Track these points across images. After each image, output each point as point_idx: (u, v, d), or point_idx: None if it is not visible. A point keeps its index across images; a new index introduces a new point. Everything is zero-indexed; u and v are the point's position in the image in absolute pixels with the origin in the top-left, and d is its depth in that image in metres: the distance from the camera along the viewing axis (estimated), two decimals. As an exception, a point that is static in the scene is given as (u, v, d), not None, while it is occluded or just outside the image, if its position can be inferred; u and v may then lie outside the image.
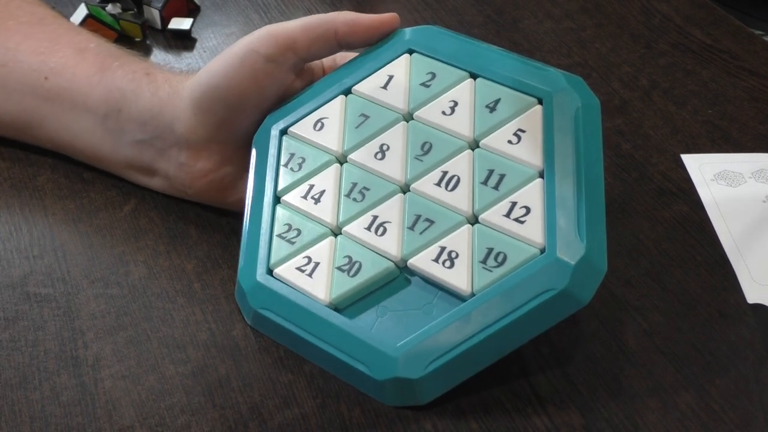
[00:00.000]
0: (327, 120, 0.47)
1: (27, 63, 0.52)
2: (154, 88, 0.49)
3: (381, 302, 0.42)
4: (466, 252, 0.41)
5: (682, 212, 0.52)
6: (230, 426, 0.42)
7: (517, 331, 0.40)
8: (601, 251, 0.40)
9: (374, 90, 0.47)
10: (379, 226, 0.43)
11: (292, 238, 0.44)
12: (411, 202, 0.43)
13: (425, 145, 0.44)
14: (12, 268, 0.49)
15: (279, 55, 0.46)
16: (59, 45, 0.53)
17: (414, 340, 0.40)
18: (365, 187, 0.44)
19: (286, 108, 0.48)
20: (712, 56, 0.63)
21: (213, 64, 0.47)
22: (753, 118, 0.59)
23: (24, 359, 0.45)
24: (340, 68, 0.49)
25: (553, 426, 0.42)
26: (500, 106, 0.44)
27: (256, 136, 0.48)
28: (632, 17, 0.67)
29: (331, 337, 0.42)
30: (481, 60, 0.45)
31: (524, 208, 0.41)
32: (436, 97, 0.46)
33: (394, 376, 0.40)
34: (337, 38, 0.47)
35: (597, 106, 0.43)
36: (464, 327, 0.40)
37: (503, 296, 0.39)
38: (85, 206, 0.53)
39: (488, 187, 0.42)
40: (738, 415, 0.42)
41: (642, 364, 0.45)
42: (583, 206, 0.40)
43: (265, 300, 0.44)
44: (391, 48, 0.48)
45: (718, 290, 0.48)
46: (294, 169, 0.46)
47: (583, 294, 0.39)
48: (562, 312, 0.40)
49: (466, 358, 0.40)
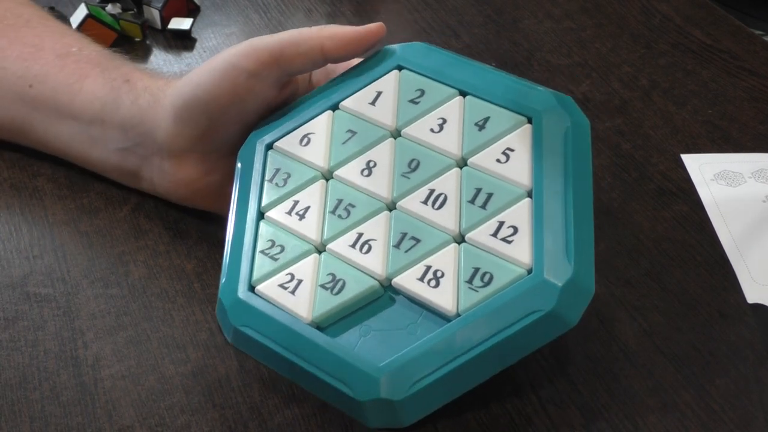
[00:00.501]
0: (313, 135, 0.46)
1: (12, 70, 0.52)
2: (134, 96, 0.49)
3: (364, 321, 0.41)
4: (451, 271, 0.40)
5: (682, 212, 0.52)
6: (230, 426, 0.42)
7: (503, 353, 0.39)
8: (589, 272, 0.39)
9: (362, 106, 0.46)
10: (364, 244, 0.42)
11: (276, 254, 0.43)
12: (397, 219, 0.43)
13: (412, 162, 0.44)
14: (12, 268, 0.49)
15: (261, 70, 0.45)
16: (43, 50, 0.52)
17: (397, 360, 0.39)
18: (351, 204, 0.44)
19: (272, 122, 0.47)
20: (712, 56, 0.63)
21: (194, 74, 0.46)
22: (753, 118, 0.59)
23: (24, 359, 0.45)
24: (327, 83, 0.48)
25: (553, 426, 0.42)
26: (489, 124, 0.43)
27: (242, 150, 0.47)
28: (632, 17, 0.67)
29: (313, 356, 0.40)
30: (471, 78, 0.45)
31: (512, 228, 0.40)
32: (425, 114, 0.45)
33: (376, 397, 0.39)
34: (323, 53, 0.45)
35: (587, 126, 0.42)
36: (448, 348, 0.38)
37: (489, 317, 0.38)
38: (85, 206, 0.53)
39: (475, 206, 0.41)
40: (738, 415, 0.42)
41: (642, 364, 0.45)
42: (571, 227, 0.39)
43: (246, 317, 0.42)
44: (379, 64, 0.47)
45: (718, 290, 0.48)
46: (279, 184, 0.45)
47: (571, 316, 0.38)
48: (549, 334, 0.39)
49: (450, 379, 0.39)
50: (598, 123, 0.58)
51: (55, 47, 0.52)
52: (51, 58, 0.52)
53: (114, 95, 0.49)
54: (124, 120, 0.49)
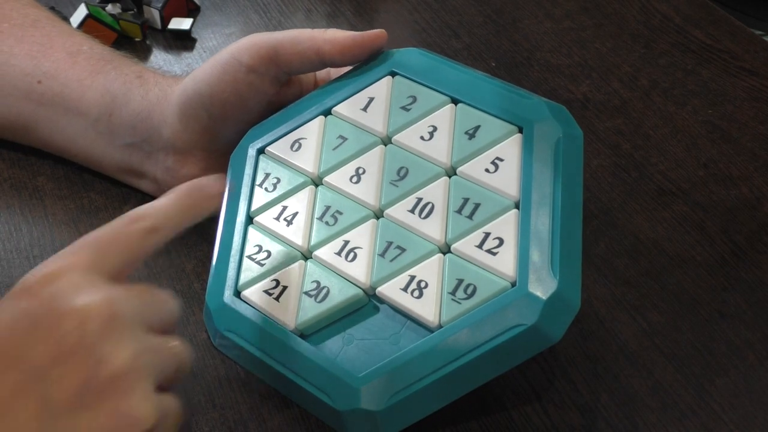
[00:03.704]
0: (305, 140, 0.46)
1: (20, 67, 0.52)
2: (145, 91, 0.49)
3: (347, 329, 0.41)
4: (435, 282, 0.40)
5: (682, 212, 0.52)
6: (230, 426, 0.42)
7: (484, 366, 0.38)
8: (575, 287, 0.39)
9: (354, 112, 0.46)
10: (349, 252, 0.42)
11: (262, 259, 0.43)
12: (383, 228, 0.42)
13: (401, 170, 0.43)
14: (12, 268, 0.49)
15: (260, 66, 0.45)
16: (52, 48, 0.52)
17: (378, 370, 0.39)
18: (338, 211, 0.43)
19: (264, 127, 0.47)
20: (712, 56, 0.63)
21: (198, 70, 0.47)
22: (753, 118, 0.59)
23: (24, 359, 0.45)
24: (320, 88, 0.48)
25: (553, 426, 0.42)
26: (479, 132, 0.43)
27: (233, 154, 0.47)
28: (632, 17, 0.67)
29: (294, 363, 0.40)
30: (464, 85, 0.44)
31: (497, 240, 0.40)
32: (416, 122, 0.44)
33: (356, 407, 0.38)
34: (321, 56, 0.45)
35: (580, 136, 0.42)
36: (430, 359, 0.38)
37: (471, 329, 0.38)
38: (85, 206, 0.53)
39: (462, 216, 0.41)
40: (738, 415, 0.42)
41: (642, 364, 0.45)
42: (558, 240, 0.39)
43: (230, 322, 0.42)
44: (373, 69, 0.46)
45: (718, 290, 0.48)
46: (268, 189, 0.45)
47: (554, 331, 0.38)
48: (531, 348, 0.38)
49: (430, 391, 0.38)
50: (598, 123, 0.58)
51: (66, 45, 0.53)
52: (62, 56, 0.52)
53: (125, 89, 0.50)
54: (134, 114, 0.49)
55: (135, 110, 0.49)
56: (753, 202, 0.53)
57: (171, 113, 0.48)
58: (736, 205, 0.53)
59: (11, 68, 0.52)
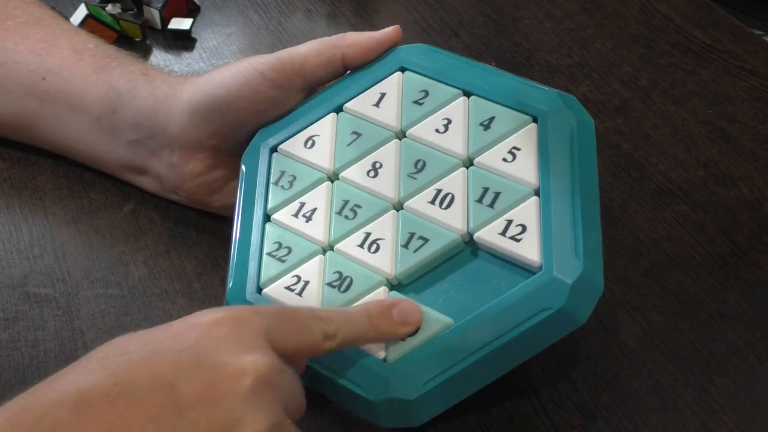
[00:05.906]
0: (318, 138, 0.46)
1: (24, 64, 0.52)
2: (151, 87, 0.49)
3: None
4: None
5: (682, 212, 0.52)
6: (230, 426, 0.42)
7: (514, 351, 0.39)
8: (598, 270, 0.40)
9: (366, 108, 0.46)
10: (372, 243, 0.42)
11: (283, 256, 0.44)
12: (404, 219, 0.43)
13: (419, 162, 0.44)
14: (12, 268, 0.50)
15: (286, 81, 0.46)
16: (57, 46, 0.53)
17: (407, 358, 0.39)
18: (357, 205, 0.44)
19: (275, 126, 0.48)
20: (712, 56, 0.63)
21: (217, 74, 0.47)
22: (753, 118, 0.59)
23: (24, 359, 0.45)
24: (331, 86, 0.48)
25: (553, 426, 0.42)
26: (495, 124, 0.43)
27: (245, 153, 0.48)
28: (632, 17, 0.67)
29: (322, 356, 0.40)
30: (474, 78, 0.45)
31: (520, 227, 0.40)
32: (429, 115, 0.45)
33: (388, 396, 0.39)
34: (345, 62, 0.47)
35: (591, 125, 0.43)
36: (460, 346, 0.39)
37: (499, 315, 0.39)
38: (85, 206, 0.53)
39: (483, 205, 0.42)
40: (738, 415, 0.42)
41: (642, 364, 0.45)
42: (579, 224, 0.40)
43: None
44: (383, 66, 0.47)
45: (718, 290, 0.48)
46: (284, 186, 0.46)
47: (581, 313, 0.39)
48: (559, 331, 0.39)
49: (461, 378, 0.39)
50: (598, 123, 0.58)
51: (71, 43, 0.53)
52: (67, 53, 0.52)
53: (131, 86, 0.50)
54: (139, 111, 0.49)
55: (140, 107, 0.49)
56: (753, 202, 0.53)
57: (180, 111, 0.48)
58: (736, 205, 0.53)
59: (15, 65, 0.52)
